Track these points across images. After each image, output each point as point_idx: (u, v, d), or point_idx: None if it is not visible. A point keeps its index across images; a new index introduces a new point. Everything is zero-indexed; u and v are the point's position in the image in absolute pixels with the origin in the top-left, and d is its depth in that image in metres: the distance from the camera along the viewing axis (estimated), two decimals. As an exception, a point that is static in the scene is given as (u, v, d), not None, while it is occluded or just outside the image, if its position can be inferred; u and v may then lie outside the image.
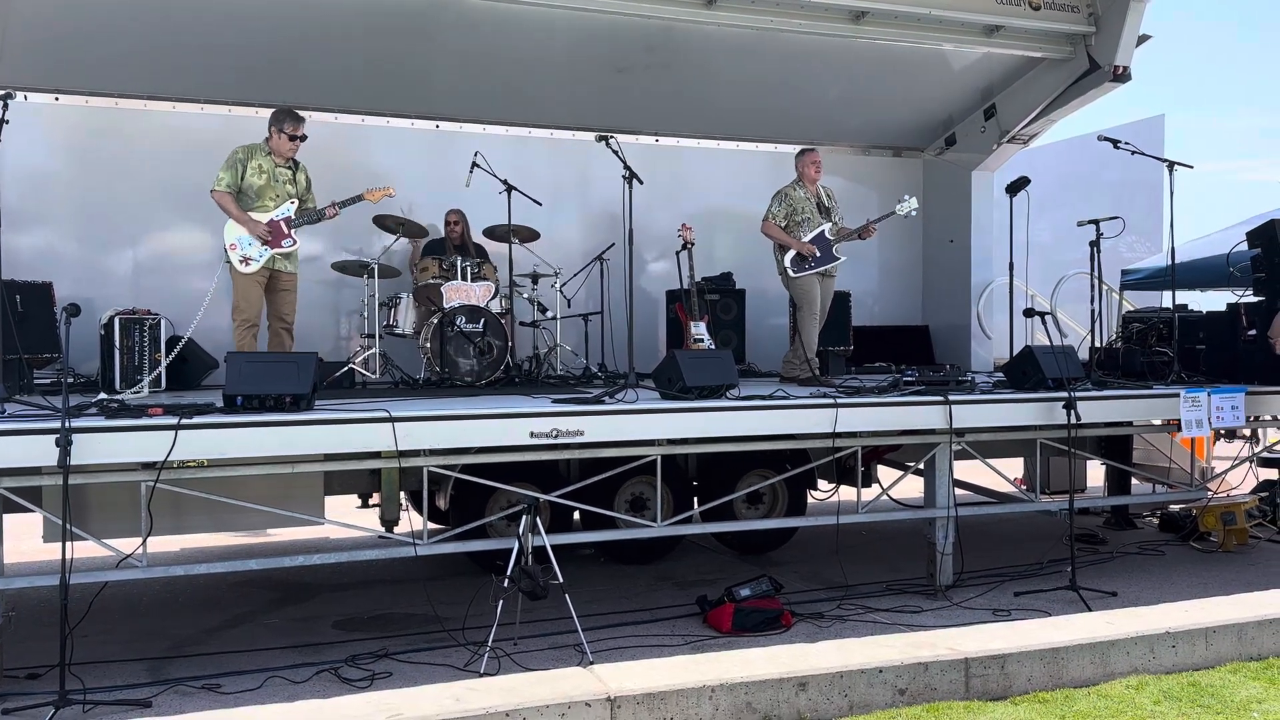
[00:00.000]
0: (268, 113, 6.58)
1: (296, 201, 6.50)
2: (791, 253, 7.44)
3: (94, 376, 6.75)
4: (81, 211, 7.84)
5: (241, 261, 6.34)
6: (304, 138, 6.55)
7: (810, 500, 7.79)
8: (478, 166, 7.64)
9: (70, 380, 4.79)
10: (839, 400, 6.14)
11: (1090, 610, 5.74)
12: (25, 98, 7.59)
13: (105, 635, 5.82)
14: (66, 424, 4.46)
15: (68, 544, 4.51)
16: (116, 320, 6.33)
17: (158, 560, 5.25)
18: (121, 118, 7.88)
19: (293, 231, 6.45)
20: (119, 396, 5.71)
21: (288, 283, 6.55)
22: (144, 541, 5.03)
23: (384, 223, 7.79)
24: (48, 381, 6.45)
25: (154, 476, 4.93)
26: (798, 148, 8.00)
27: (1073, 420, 6.38)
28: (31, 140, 7.66)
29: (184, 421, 4.79)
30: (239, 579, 7.09)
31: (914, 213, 7.61)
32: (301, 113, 6.64)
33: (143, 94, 7.88)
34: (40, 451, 4.53)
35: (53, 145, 7.80)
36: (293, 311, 6.61)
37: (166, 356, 6.42)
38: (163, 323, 6.53)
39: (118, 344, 6.31)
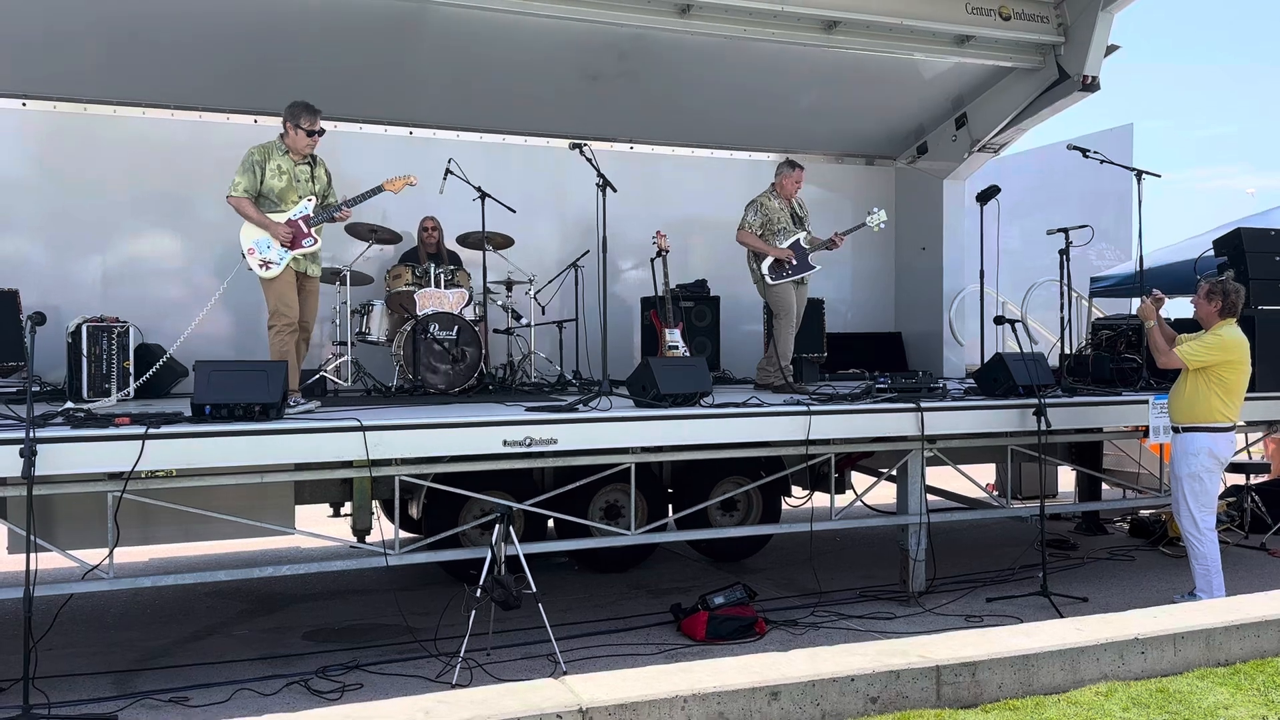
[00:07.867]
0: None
1: (315, 199, 6.07)
2: (769, 260, 7.46)
3: (61, 385, 6.66)
4: (49, 218, 7.73)
5: (261, 265, 5.89)
6: (321, 132, 6.10)
7: (784, 507, 7.80)
8: (451, 173, 7.61)
9: (36, 389, 4.72)
10: (812, 408, 6.16)
11: (1061, 616, 5.79)
12: (-9, 103, 7.55)
13: (71, 648, 5.74)
14: (31, 434, 4.40)
15: (32, 555, 4.45)
16: (84, 328, 6.26)
17: (125, 571, 5.18)
18: (90, 124, 7.77)
19: (313, 230, 6.00)
20: (85, 405, 5.64)
21: (313, 287, 6.13)
22: (111, 553, 4.97)
23: (356, 230, 7.74)
24: (13, 390, 6.36)
25: (121, 487, 4.87)
26: (771, 156, 8.03)
27: (1043, 426, 6.43)
28: (-2, 146, 7.59)
29: (151, 431, 4.73)
30: (208, 590, 7.01)
31: (883, 224, 7.70)
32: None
33: (112, 100, 7.79)
34: (4, 462, 4.47)
35: (20, 151, 7.70)
36: (314, 317, 6.18)
37: (147, 371, 6.30)
38: (131, 330, 6.45)
39: (85, 352, 6.24)
